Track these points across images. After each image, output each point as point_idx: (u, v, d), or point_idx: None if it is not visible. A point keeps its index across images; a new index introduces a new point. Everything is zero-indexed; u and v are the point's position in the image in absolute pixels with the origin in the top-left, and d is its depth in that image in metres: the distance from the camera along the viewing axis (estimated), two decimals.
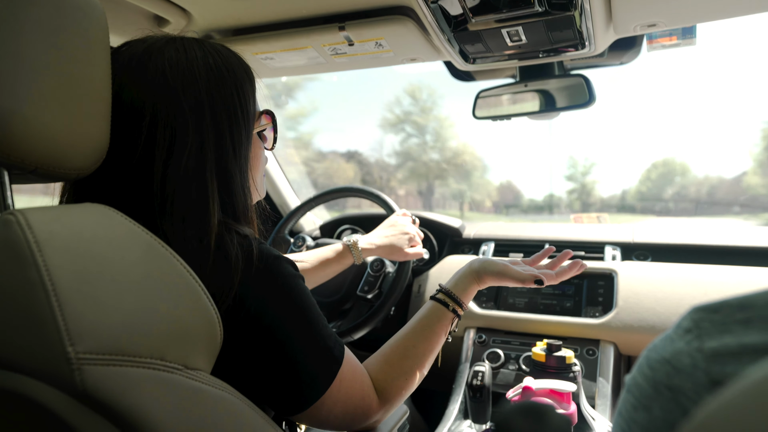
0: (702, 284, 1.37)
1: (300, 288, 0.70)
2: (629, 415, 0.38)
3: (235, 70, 0.74)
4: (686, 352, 0.35)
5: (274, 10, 1.13)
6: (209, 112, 0.69)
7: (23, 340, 0.44)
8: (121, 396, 0.45)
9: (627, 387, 0.40)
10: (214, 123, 0.70)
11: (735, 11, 1.00)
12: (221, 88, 0.71)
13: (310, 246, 1.66)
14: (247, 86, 0.76)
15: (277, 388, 0.67)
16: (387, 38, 1.17)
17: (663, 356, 0.37)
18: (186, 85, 0.68)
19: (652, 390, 0.36)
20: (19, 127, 0.48)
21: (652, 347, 0.39)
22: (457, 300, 0.93)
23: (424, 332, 0.89)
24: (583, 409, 1.14)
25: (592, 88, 1.25)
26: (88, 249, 0.48)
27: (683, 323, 0.37)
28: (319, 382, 0.68)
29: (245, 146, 0.75)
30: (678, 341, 0.36)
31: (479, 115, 1.39)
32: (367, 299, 1.49)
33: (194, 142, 0.68)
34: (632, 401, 0.38)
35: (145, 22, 1.15)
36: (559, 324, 1.43)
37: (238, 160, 0.73)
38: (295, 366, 0.67)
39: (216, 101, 0.70)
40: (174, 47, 0.70)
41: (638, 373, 0.39)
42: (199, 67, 0.70)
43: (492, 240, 1.78)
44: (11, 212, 0.46)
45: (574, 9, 0.95)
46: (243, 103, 0.74)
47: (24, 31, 0.49)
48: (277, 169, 1.98)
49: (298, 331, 0.68)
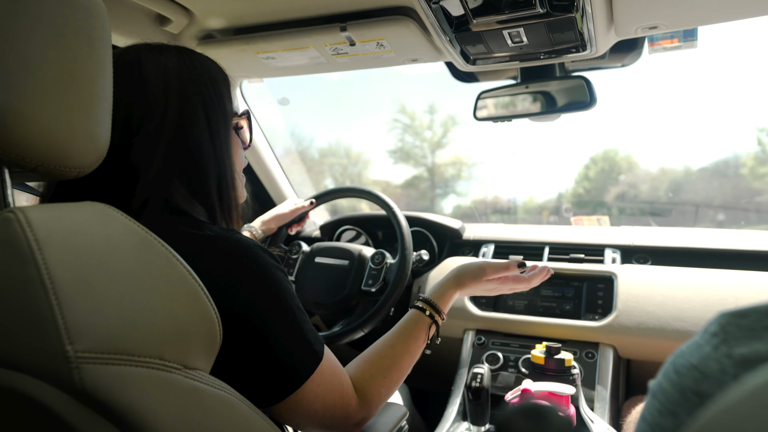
0: (702, 288, 1.37)
1: (278, 277, 0.71)
2: (654, 420, 0.38)
3: (209, 67, 0.81)
4: (714, 357, 0.35)
5: (276, 10, 1.13)
6: (177, 94, 0.75)
7: (22, 338, 0.44)
8: (119, 395, 0.45)
9: (652, 392, 0.39)
10: (185, 99, 0.75)
11: (736, 14, 1.00)
12: (195, 77, 0.77)
13: (305, 251, 1.66)
14: (221, 81, 0.81)
15: (256, 376, 0.67)
16: (388, 39, 1.17)
17: (690, 362, 0.36)
18: (158, 73, 0.74)
19: (679, 395, 0.36)
20: (20, 125, 0.48)
21: (679, 353, 0.38)
22: (434, 306, 0.95)
23: (402, 336, 0.90)
24: (583, 412, 1.14)
25: (593, 89, 1.25)
26: (88, 247, 0.48)
27: (710, 328, 0.37)
28: (299, 371, 0.69)
29: (223, 134, 0.80)
30: (705, 346, 0.36)
31: (480, 117, 1.39)
32: (372, 293, 1.49)
33: (158, 117, 0.73)
34: (658, 406, 0.38)
35: (147, 21, 1.15)
36: (558, 327, 1.43)
37: (214, 142, 0.78)
38: (274, 354, 0.68)
39: (186, 85, 0.76)
40: (148, 47, 0.77)
41: (664, 379, 0.38)
42: (172, 58, 0.77)
43: (492, 242, 1.78)
44: (11, 210, 0.46)
45: (575, 11, 0.95)
46: (218, 93, 0.80)
47: (26, 28, 0.49)
48: (278, 168, 1.98)
49: (278, 320, 0.69)
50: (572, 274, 1.54)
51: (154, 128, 0.73)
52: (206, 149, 0.77)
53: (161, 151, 0.73)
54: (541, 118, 1.35)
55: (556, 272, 1.56)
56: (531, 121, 1.38)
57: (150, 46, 0.78)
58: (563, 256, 1.63)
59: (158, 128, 0.73)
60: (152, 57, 0.75)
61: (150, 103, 0.73)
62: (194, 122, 0.76)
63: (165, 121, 0.73)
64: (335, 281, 1.53)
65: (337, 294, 1.53)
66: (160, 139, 0.73)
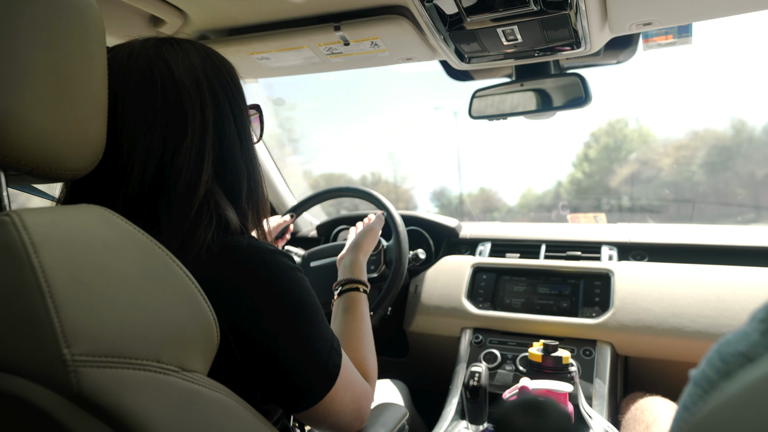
0: (699, 284, 1.37)
1: (299, 279, 0.69)
2: (698, 408, 0.37)
3: (224, 61, 0.77)
4: (763, 344, 0.34)
5: (270, 10, 1.13)
6: (209, 92, 0.71)
7: (19, 342, 0.44)
8: (117, 398, 0.45)
9: (694, 380, 0.39)
10: (214, 96, 0.71)
11: (730, 10, 1.00)
12: (218, 73, 0.73)
13: (299, 255, 1.66)
14: (236, 75, 0.78)
15: (288, 385, 0.66)
16: (383, 38, 1.17)
17: (738, 349, 0.36)
18: (188, 71, 0.69)
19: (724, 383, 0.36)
20: (15, 128, 0.48)
21: (725, 341, 0.38)
22: (358, 280, 1.03)
23: (356, 317, 0.95)
24: (582, 409, 1.14)
25: (588, 87, 1.25)
26: (84, 250, 0.48)
27: (758, 315, 0.36)
28: (330, 371, 0.69)
29: (248, 131, 0.77)
30: (753, 334, 0.35)
31: (475, 115, 1.39)
32: (375, 279, 1.50)
33: (198, 117, 0.69)
34: (701, 394, 0.37)
35: (140, 23, 1.14)
36: (555, 324, 1.43)
37: (242, 141, 0.75)
38: (308, 360, 0.67)
39: (213, 82, 0.72)
40: (168, 42, 0.72)
41: (708, 367, 0.38)
42: (193, 55, 0.72)
43: (488, 240, 1.78)
44: (7, 213, 0.46)
45: (569, 8, 0.96)
46: (238, 88, 0.76)
47: (19, 30, 0.49)
48: (273, 167, 1.97)
49: (305, 325, 0.67)
50: (569, 271, 1.55)
51: (198, 131, 0.68)
52: (236, 149, 0.74)
53: (208, 156, 0.69)
54: (536, 115, 1.36)
55: (553, 270, 1.56)
56: (526, 118, 1.39)
57: (168, 41, 0.72)
58: (560, 253, 1.64)
59: (202, 131, 0.69)
60: (176, 54, 0.70)
61: (187, 105, 0.68)
62: (227, 121, 0.72)
63: (205, 123, 0.69)
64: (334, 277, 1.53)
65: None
66: (205, 142, 0.69)
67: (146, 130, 0.66)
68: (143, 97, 0.66)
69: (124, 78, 0.67)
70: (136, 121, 0.66)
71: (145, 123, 0.66)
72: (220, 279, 0.63)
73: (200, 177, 0.68)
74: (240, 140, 0.74)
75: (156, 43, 0.71)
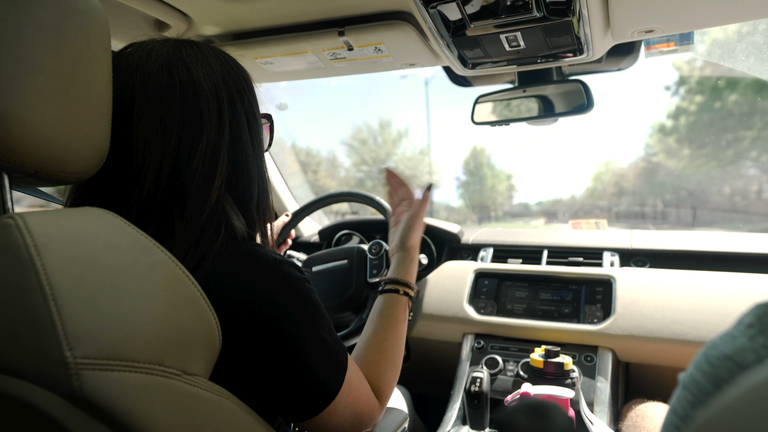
0: (701, 291, 1.37)
1: (307, 291, 0.69)
2: (686, 412, 0.37)
3: (240, 66, 0.76)
4: (750, 348, 0.34)
5: (274, 15, 1.14)
6: (227, 97, 0.70)
7: (21, 344, 0.44)
8: (118, 401, 0.45)
9: (683, 384, 0.39)
10: (231, 101, 0.71)
11: (732, 17, 1.00)
12: (235, 78, 0.73)
13: (301, 259, 1.66)
14: (250, 81, 0.77)
15: (287, 395, 0.65)
16: (386, 43, 1.17)
17: (724, 353, 0.36)
18: (207, 74, 0.69)
19: (712, 387, 0.36)
20: (19, 130, 0.48)
21: (711, 345, 0.38)
22: (403, 282, 0.97)
23: (388, 323, 0.90)
24: (583, 415, 1.14)
25: (591, 93, 1.25)
26: (87, 253, 0.48)
27: (745, 319, 0.36)
28: (330, 387, 0.67)
29: (260, 138, 0.76)
30: (740, 338, 0.36)
31: (478, 121, 1.39)
32: (376, 283, 1.49)
33: (215, 121, 0.68)
34: (690, 398, 0.37)
35: (145, 27, 1.15)
36: (557, 330, 1.43)
37: (254, 148, 0.74)
38: (305, 373, 0.65)
39: (231, 88, 0.71)
40: (187, 44, 0.71)
41: (696, 370, 0.38)
42: (212, 59, 0.71)
43: (491, 245, 1.78)
44: (11, 216, 0.46)
45: (572, 15, 0.96)
46: (253, 94, 0.76)
47: (24, 32, 0.49)
48: (275, 172, 1.98)
49: (308, 338, 0.66)
50: (571, 277, 1.54)
51: (214, 135, 0.68)
52: (249, 155, 0.73)
53: (222, 161, 0.68)
54: (538, 121, 1.36)
55: (555, 276, 1.56)
56: (529, 124, 1.39)
57: (187, 43, 0.71)
58: (562, 259, 1.64)
59: (218, 135, 0.68)
60: (195, 57, 0.70)
61: (204, 108, 0.68)
62: (242, 127, 0.72)
63: (222, 127, 0.69)
64: (339, 283, 1.53)
65: (344, 294, 1.52)
66: (221, 146, 0.69)
67: (162, 131, 0.66)
68: (161, 98, 0.66)
69: (142, 78, 0.66)
70: (152, 121, 0.65)
71: (161, 124, 0.66)
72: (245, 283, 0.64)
73: (213, 181, 0.67)
74: (253, 147, 0.74)
75: (175, 44, 0.70)
